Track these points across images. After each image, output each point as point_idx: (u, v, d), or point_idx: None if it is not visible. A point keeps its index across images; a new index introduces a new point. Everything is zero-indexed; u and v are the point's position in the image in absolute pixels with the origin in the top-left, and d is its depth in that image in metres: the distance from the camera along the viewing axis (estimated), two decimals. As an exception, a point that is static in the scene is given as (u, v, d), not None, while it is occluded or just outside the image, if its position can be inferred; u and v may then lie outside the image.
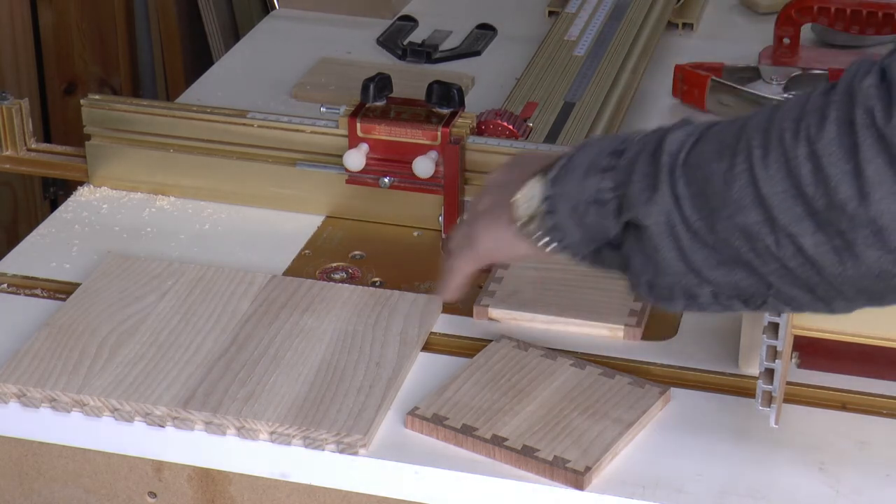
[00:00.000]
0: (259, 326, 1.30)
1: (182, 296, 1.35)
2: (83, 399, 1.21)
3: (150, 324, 1.30)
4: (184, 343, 1.28)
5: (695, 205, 1.03)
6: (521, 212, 1.13)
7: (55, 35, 2.58)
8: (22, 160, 1.61)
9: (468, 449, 1.18)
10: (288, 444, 1.18)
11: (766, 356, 1.16)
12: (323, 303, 1.34)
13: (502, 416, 1.20)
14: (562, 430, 1.18)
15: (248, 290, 1.35)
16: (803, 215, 0.97)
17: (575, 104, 1.67)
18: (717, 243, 1.02)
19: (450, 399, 1.22)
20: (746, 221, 1.00)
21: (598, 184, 1.09)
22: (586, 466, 1.14)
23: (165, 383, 1.22)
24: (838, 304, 1.02)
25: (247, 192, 1.54)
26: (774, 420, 1.18)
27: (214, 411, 1.19)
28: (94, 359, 1.25)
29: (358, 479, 1.18)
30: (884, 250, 0.95)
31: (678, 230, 1.03)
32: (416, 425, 1.20)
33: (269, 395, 1.21)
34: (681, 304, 1.07)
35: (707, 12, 2.04)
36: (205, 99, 1.76)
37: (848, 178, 0.95)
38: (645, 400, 1.22)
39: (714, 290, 1.05)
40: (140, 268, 1.39)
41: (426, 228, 1.51)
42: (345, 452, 1.17)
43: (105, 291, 1.35)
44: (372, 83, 1.51)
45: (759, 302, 1.04)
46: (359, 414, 1.19)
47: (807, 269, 0.99)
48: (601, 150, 1.10)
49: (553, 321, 1.33)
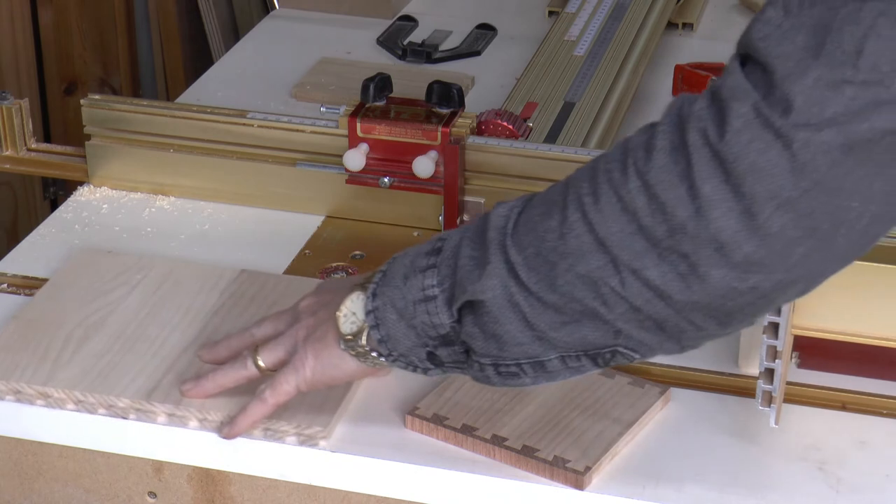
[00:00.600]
0: (226, 320, 1.31)
1: (151, 290, 1.35)
2: (47, 391, 1.22)
3: (118, 317, 1.31)
4: (150, 336, 1.28)
5: (531, 267, 1.02)
6: (346, 328, 1.11)
7: (55, 35, 2.58)
8: (22, 160, 1.61)
9: (468, 449, 1.18)
10: (249, 436, 1.19)
11: (766, 356, 1.16)
12: (291, 296, 1.34)
13: (502, 416, 1.20)
14: (562, 430, 1.18)
15: (216, 284, 1.36)
16: (645, 248, 0.97)
17: (575, 104, 1.67)
18: (560, 301, 1.01)
19: (450, 399, 1.22)
20: (588, 268, 0.99)
21: (421, 283, 1.07)
22: (586, 466, 1.14)
23: (130, 376, 1.23)
24: (688, 337, 1.01)
25: (247, 192, 1.54)
26: (774, 420, 1.18)
27: (177, 403, 1.20)
28: (60, 352, 1.26)
29: (357, 479, 1.18)
30: (727, 267, 0.96)
31: (517, 298, 1.03)
32: (416, 425, 1.20)
33: (232, 388, 1.21)
34: (529, 378, 1.07)
35: (707, 12, 2.04)
36: (205, 99, 1.76)
37: (684, 199, 0.95)
38: (645, 400, 1.22)
39: (562, 354, 1.04)
40: (109, 262, 1.40)
41: (426, 228, 1.51)
42: (305, 444, 1.18)
43: (74, 285, 1.36)
44: (372, 83, 1.51)
45: (607, 356, 1.04)
46: (320, 406, 1.20)
47: (655, 303, 0.99)
48: (417, 254, 1.09)
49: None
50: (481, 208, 1.48)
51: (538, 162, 1.47)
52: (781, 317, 1.15)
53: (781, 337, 1.15)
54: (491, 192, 1.48)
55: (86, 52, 2.63)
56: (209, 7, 2.55)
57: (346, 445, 1.19)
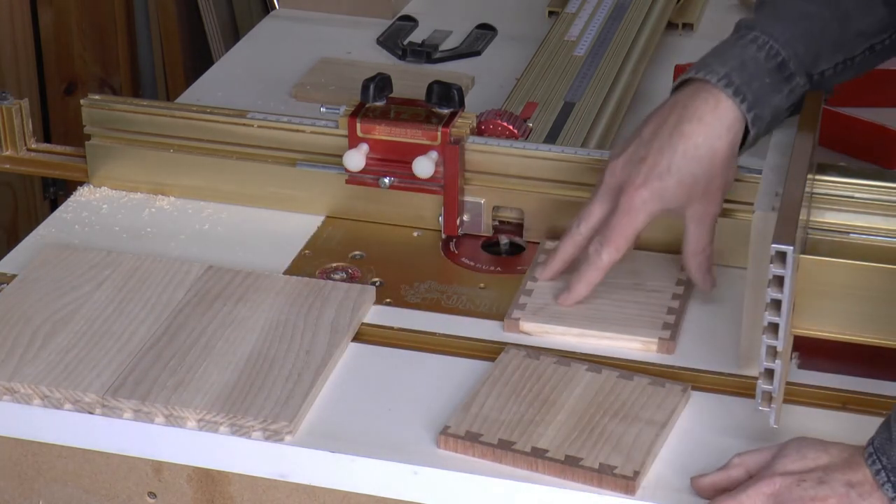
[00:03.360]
0: (192, 316, 1.31)
1: (118, 285, 1.36)
2: (13, 387, 1.22)
3: (85, 313, 1.32)
4: (117, 332, 1.29)
5: None
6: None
7: (55, 35, 2.58)
8: (22, 160, 1.61)
9: (507, 464, 1.16)
10: (215, 432, 1.19)
11: (766, 356, 1.16)
12: (257, 292, 1.35)
13: (535, 427, 1.19)
14: (599, 437, 1.17)
15: (183, 279, 1.37)
16: None
17: (575, 104, 1.67)
18: None
19: (478, 415, 1.20)
20: None
21: None
22: (634, 471, 1.14)
23: (96, 371, 1.24)
24: None
25: (247, 192, 1.54)
26: (774, 420, 1.18)
27: (143, 399, 1.21)
28: (26, 347, 1.27)
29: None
30: None
31: None
32: (450, 444, 1.18)
33: (198, 384, 1.22)
34: None
35: (707, 12, 2.04)
36: (205, 99, 1.76)
37: None
38: (670, 399, 1.22)
39: None
40: (78, 258, 1.40)
41: (426, 228, 1.51)
42: (271, 440, 1.18)
43: (42, 281, 1.36)
44: (372, 83, 1.51)
45: None
46: (286, 401, 1.20)
47: None
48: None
49: (585, 334, 1.32)
50: (481, 208, 1.48)
51: (538, 162, 1.47)
52: (781, 317, 1.15)
53: (781, 337, 1.15)
54: (491, 192, 1.48)
55: (86, 52, 2.63)
56: (209, 7, 2.55)
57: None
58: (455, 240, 1.49)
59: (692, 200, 1.31)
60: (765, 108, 1.31)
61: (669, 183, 1.30)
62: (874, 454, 1.09)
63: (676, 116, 1.32)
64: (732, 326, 1.31)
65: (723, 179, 1.32)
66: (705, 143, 1.30)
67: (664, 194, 1.31)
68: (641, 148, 1.32)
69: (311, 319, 1.31)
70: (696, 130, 1.30)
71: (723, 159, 1.31)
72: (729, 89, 1.30)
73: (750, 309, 1.25)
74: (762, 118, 1.31)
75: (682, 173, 1.30)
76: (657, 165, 1.30)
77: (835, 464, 1.10)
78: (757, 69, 1.31)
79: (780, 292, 1.14)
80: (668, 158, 1.30)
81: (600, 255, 1.32)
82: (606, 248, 1.31)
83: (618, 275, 1.36)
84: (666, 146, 1.31)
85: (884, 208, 1.30)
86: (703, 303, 1.37)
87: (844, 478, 1.09)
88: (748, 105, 1.30)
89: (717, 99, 1.31)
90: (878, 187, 1.31)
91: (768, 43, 1.32)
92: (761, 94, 1.31)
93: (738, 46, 1.33)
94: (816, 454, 1.11)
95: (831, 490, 1.09)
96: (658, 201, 1.31)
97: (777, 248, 1.13)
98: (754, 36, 1.33)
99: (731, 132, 1.31)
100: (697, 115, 1.30)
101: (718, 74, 1.31)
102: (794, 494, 1.09)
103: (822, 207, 1.31)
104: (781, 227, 1.15)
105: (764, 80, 1.31)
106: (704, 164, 1.30)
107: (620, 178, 1.32)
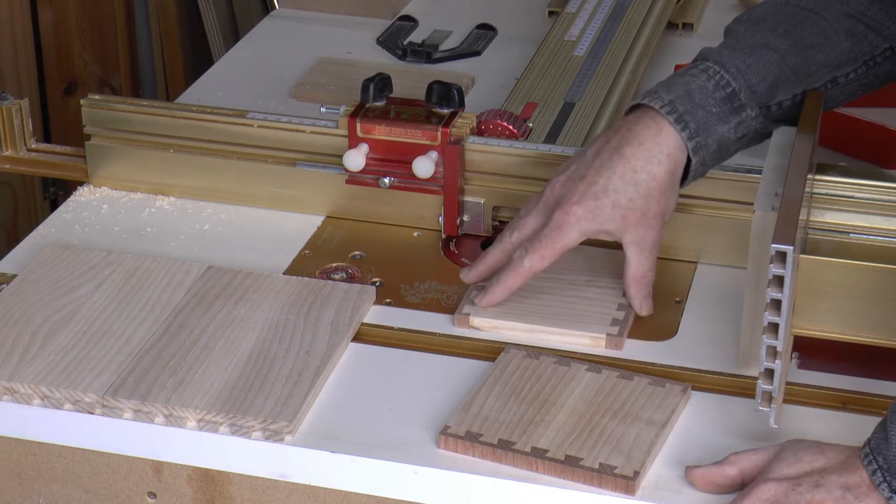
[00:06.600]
0: (192, 316, 1.31)
1: (118, 285, 1.36)
2: (13, 387, 1.22)
3: (85, 313, 1.32)
4: (116, 332, 1.29)
5: None
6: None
7: (55, 35, 2.58)
8: (22, 160, 1.61)
9: (507, 464, 1.16)
10: (215, 432, 1.19)
11: (766, 356, 1.16)
12: (257, 293, 1.35)
13: (535, 427, 1.19)
14: (599, 437, 1.17)
15: (183, 280, 1.36)
16: None
17: (575, 104, 1.67)
18: None
19: (478, 415, 1.20)
20: None
21: None
22: (634, 471, 1.14)
23: (96, 371, 1.24)
24: None
25: (247, 192, 1.54)
26: (774, 420, 1.18)
27: (143, 399, 1.21)
28: (26, 347, 1.27)
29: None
30: None
31: None
32: (450, 444, 1.18)
33: (198, 384, 1.22)
34: None
35: (707, 12, 2.04)
36: (205, 99, 1.76)
37: None
38: (670, 399, 1.22)
39: None
40: (78, 258, 1.40)
41: (426, 228, 1.51)
42: (271, 440, 1.18)
43: (42, 281, 1.36)
44: (372, 83, 1.51)
45: None
46: (286, 401, 1.20)
47: None
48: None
49: (534, 329, 1.33)
50: (481, 208, 1.48)
51: (538, 162, 1.47)
52: (781, 317, 1.15)
53: (781, 337, 1.15)
54: (491, 193, 1.48)
55: (86, 52, 2.63)
56: (209, 7, 2.55)
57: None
58: (455, 240, 1.49)
59: (628, 225, 1.32)
60: (709, 136, 1.31)
61: (605, 203, 1.31)
62: (870, 455, 1.09)
63: (619, 139, 1.32)
64: (732, 326, 1.31)
65: (660, 206, 1.32)
66: (644, 167, 1.30)
67: (599, 214, 1.31)
68: (583, 167, 1.33)
69: (311, 319, 1.31)
70: (635, 154, 1.31)
71: (660, 185, 1.31)
72: (671, 116, 1.30)
73: (750, 309, 1.25)
74: (706, 147, 1.31)
75: (617, 195, 1.31)
76: (594, 185, 1.31)
77: (831, 466, 1.10)
78: (703, 98, 1.31)
79: (780, 292, 1.14)
80: (605, 179, 1.31)
81: (522, 262, 1.33)
82: (530, 255, 1.32)
83: (571, 271, 1.38)
84: (605, 167, 1.31)
85: (884, 208, 1.30)
86: (703, 303, 1.37)
87: (841, 480, 1.09)
88: (689, 133, 1.31)
89: (659, 125, 1.31)
90: (878, 187, 1.31)
91: (719, 73, 1.32)
92: (706, 122, 1.31)
93: (689, 75, 1.34)
94: (812, 457, 1.11)
95: (828, 493, 1.09)
96: (592, 221, 1.31)
97: (777, 248, 1.13)
98: (706, 66, 1.33)
99: (671, 159, 1.31)
100: (638, 140, 1.31)
101: (663, 101, 1.31)
102: (790, 499, 1.09)
103: (822, 207, 1.32)
104: (781, 227, 1.15)
105: (710, 110, 1.31)
106: (641, 189, 1.31)
107: (559, 195, 1.33)
